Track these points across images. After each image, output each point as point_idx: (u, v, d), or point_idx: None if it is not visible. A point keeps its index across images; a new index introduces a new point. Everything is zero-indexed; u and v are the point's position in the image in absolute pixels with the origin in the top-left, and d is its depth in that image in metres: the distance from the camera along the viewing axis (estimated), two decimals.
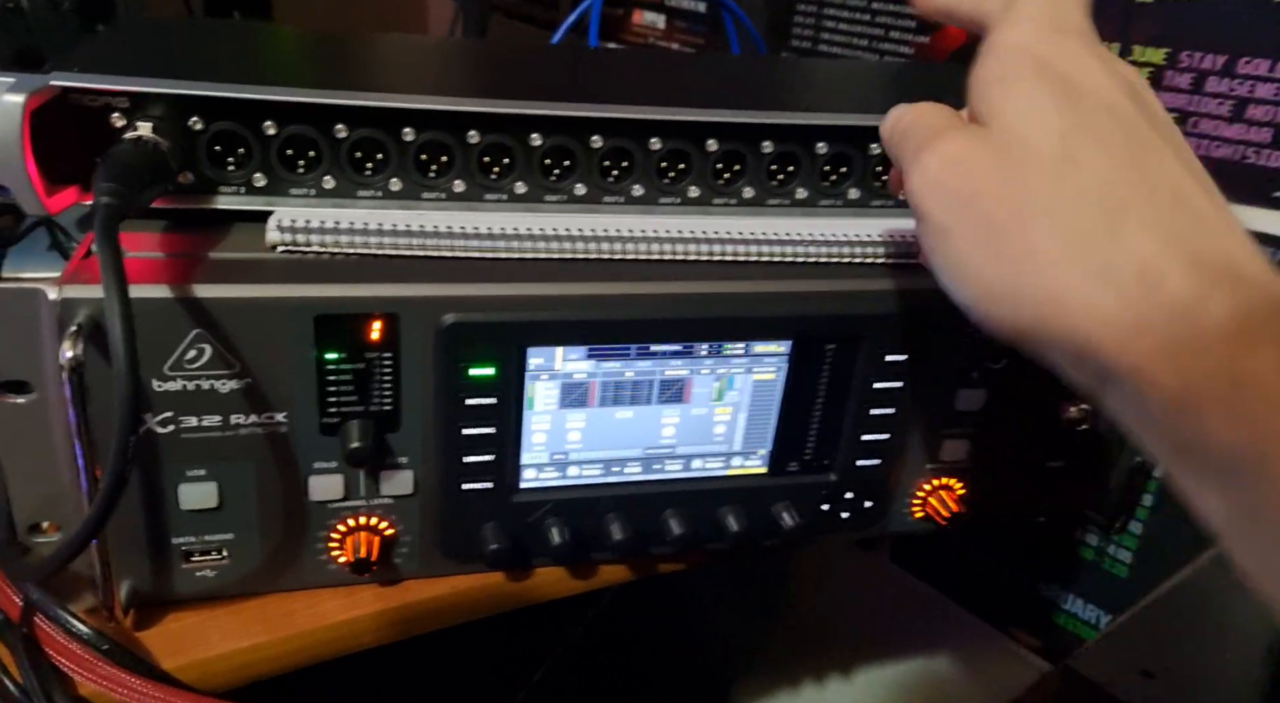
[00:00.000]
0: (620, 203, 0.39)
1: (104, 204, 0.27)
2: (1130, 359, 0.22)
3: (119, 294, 0.26)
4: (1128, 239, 0.22)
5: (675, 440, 0.40)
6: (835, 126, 0.40)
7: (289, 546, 0.36)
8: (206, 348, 0.31)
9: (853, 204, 0.42)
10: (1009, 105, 0.25)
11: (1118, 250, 0.22)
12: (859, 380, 0.39)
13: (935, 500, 0.43)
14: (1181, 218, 0.23)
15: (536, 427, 0.38)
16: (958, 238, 0.25)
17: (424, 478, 0.36)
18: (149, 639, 0.34)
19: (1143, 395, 0.22)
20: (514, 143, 0.37)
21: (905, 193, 0.28)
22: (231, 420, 0.33)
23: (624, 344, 0.37)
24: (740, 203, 0.41)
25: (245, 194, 0.35)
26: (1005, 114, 0.25)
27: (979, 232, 0.25)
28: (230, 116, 0.34)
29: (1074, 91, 0.25)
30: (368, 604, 0.38)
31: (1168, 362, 0.21)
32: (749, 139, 0.39)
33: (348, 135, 0.35)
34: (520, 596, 0.41)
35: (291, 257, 0.34)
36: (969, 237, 0.25)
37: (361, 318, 0.33)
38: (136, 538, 0.34)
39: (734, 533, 0.40)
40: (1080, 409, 0.43)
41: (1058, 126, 0.24)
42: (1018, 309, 0.24)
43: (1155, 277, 0.22)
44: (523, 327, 0.35)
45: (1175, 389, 0.21)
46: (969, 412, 0.42)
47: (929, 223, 0.26)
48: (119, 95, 0.32)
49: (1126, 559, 0.64)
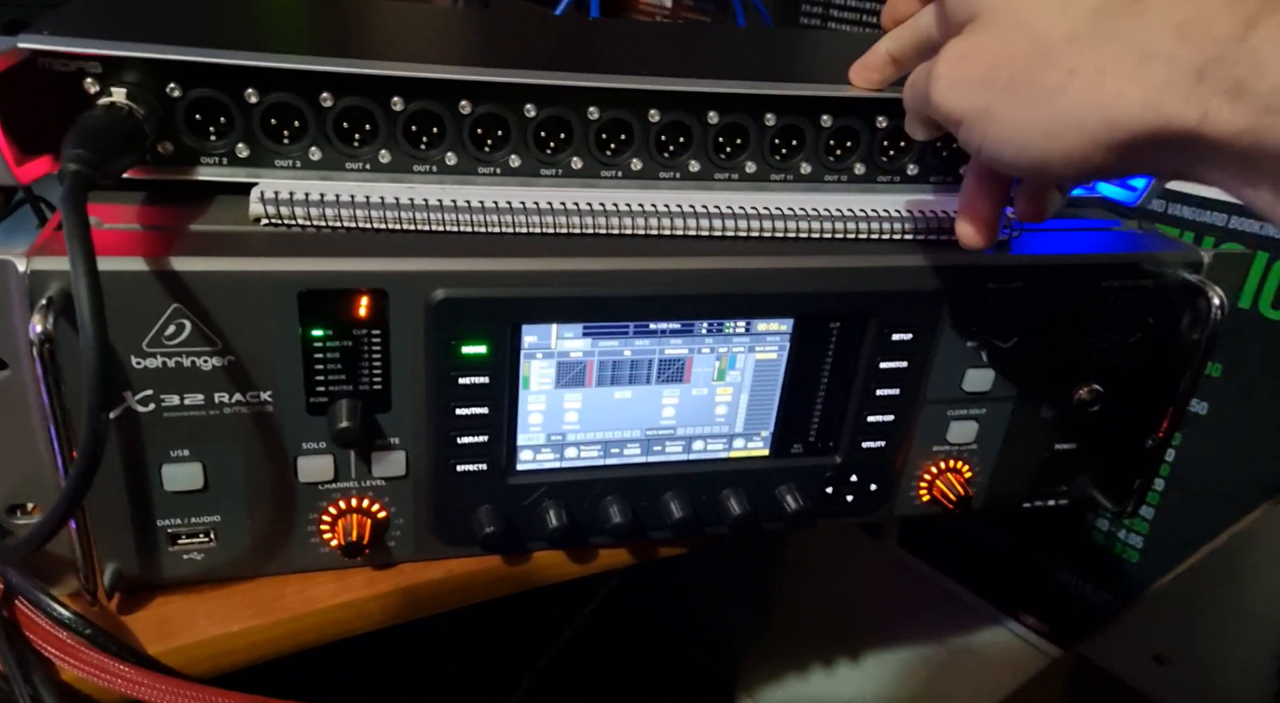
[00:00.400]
0: (618, 177, 0.38)
1: (71, 171, 0.26)
2: (1200, 108, 0.22)
3: (85, 264, 0.24)
4: (1156, 16, 0.23)
5: (675, 422, 0.39)
6: (841, 98, 0.38)
7: (278, 528, 0.35)
8: (186, 324, 0.30)
9: (859, 180, 0.41)
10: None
11: (1150, 28, 0.23)
12: (864, 360, 0.38)
13: (942, 483, 0.42)
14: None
15: (532, 407, 0.37)
16: (1001, 108, 0.26)
17: (416, 459, 0.35)
18: (134, 624, 0.34)
19: (1223, 141, 0.22)
20: (508, 114, 0.36)
21: (938, 116, 0.28)
22: (215, 399, 0.32)
23: (622, 322, 0.36)
24: (742, 178, 0.39)
25: (227, 165, 0.34)
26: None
27: (1016, 92, 0.25)
28: (210, 83, 0.32)
29: None
30: (360, 588, 0.37)
31: (1238, 94, 0.21)
32: (752, 111, 0.38)
33: (334, 104, 0.34)
34: (517, 580, 0.40)
35: (275, 230, 0.33)
36: (1010, 101, 0.26)
37: (348, 294, 0.32)
38: (120, 520, 0.33)
39: (736, 516, 0.39)
40: (1091, 390, 0.41)
41: None
42: (1084, 129, 0.24)
43: (1196, 29, 0.22)
44: (516, 303, 0.34)
45: (1251, 117, 0.21)
46: (977, 393, 0.41)
47: (968, 118, 0.27)
48: (91, 59, 0.31)
49: (1138, 544, 0.63)
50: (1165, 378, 0.42)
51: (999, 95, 0.26)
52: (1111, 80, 0.23)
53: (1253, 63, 0.21)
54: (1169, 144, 0.23)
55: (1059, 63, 0.24)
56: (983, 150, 0.27)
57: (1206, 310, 0.39)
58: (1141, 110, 0.23)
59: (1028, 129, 0.25)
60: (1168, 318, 0.41)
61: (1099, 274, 0.39)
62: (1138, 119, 0.23)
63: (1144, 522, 0.62)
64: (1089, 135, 0.24)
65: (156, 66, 0.32)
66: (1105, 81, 0.24)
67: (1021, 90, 0.25)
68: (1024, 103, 0.25)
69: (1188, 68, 0.22)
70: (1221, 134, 0.22)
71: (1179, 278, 0.40)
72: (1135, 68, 0.23)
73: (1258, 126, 0.21)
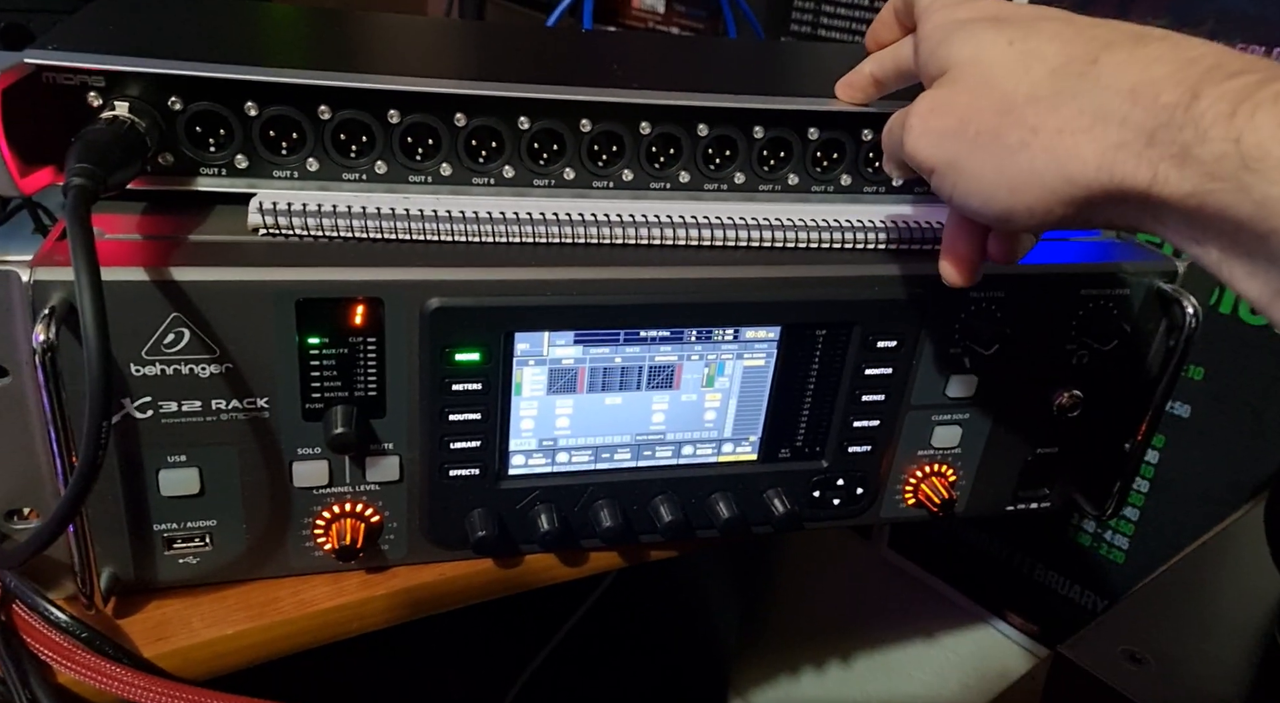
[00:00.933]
0: (610, 188, 0.39)
1: (75, 185, 0.27)
2: (1150, 170, 0.23)
3: (89, 276, 0.25)
4: (1110, 80, 0.24)
5: (665, 427, 0.39)
6: (827, 112, 0.39)
7: (273, 532, 0.36)
8: (185, 332, 0.31)
9: (845, 190, 0.41)
10: (954, 50, 0.28)
11: (1105, 91, 0.24)
12: (849, 366, 0.39)
13: (927, 487, 0.43)
14: (1149, 48, 0.24)
15: (524, 413, 0.37)
16: (967, 161, 0.27)
17: (410, 464, 0.36)
18: (130, 627, 0.34)
19: (1172, 202, 0.23)
20: (502, 126, 0.36)
21: (912, 163, 0.30)
22: (212, 406, 0.32)
23: (612, 330, 0.36)
24: (731, 189, 0.40)
25: (226, 176, 0.35)
26: (955, 56, 0.28)
27: (982, 145, 0.27)
28: (210, 97, 0.33)
29: (1003, 16, 0.28)
30: (354, 591, 0.37)
31: (1183, 159, 0.22)
32: (740, 124, 0.39)
33: (331, 117, 0.34)
34: (510, 582, 0.40)
35: (273, 240, 0.34)
36: (976, 154, 0.27)
37: (345, 302, 0.32)
38: (117, 525, 0.33)
39: (725, 520, 0.40)
40: (1071, 396, 0.42)
41: (1005, 38, 0.27)
42: (1045, 184, 0.25)
43: (1147, 95, 0.23)
44: (509, 312, 0.34)
45: (1196, 181, 0.22)
46: (960, 398, 0.42)
47: (939, 168, 0.28)
48: (95, 74, 0.31)
49: (1123, 546, 0.64)
50: (1142, 384, 0.43)
51: (967, 148, 0.27)
52: (1069, 139, 0.25)
53: (1196, 130, 0.22)
54: (1124, 201, 0.24)
55: (1022, 121, 0.26)
56: (953, 199, 0.29)
57: (1181, 318, 0.40)
58: (1096, 170, 0.24)
59: (993, 182, 0.27)
60: (1144, 326, 0.42)
61: (1078, 283, 0.40)
62: (1094, 178, 0.24)
63: (1129, 524, 0.63)
64: (1049, 191, 0.25)
65: (158, 81, 0.32)
66: (1064, 140, 0.25)
67: (988, 145, 0.26)
68: (989, 157, 0.26)
69: (1139, 130, 0.23)
70: (1170, 196, 0.23)
71: (1154, 287, 0.41)
72: (1090, 128, 0.24)
73: (1201, 191, 0.22)
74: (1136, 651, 0.34)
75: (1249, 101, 0.21)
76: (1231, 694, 0.33)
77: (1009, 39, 0.27)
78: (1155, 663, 0.33)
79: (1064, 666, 0.33)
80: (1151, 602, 0.39)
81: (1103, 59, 0.25)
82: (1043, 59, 0.26)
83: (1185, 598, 0.40)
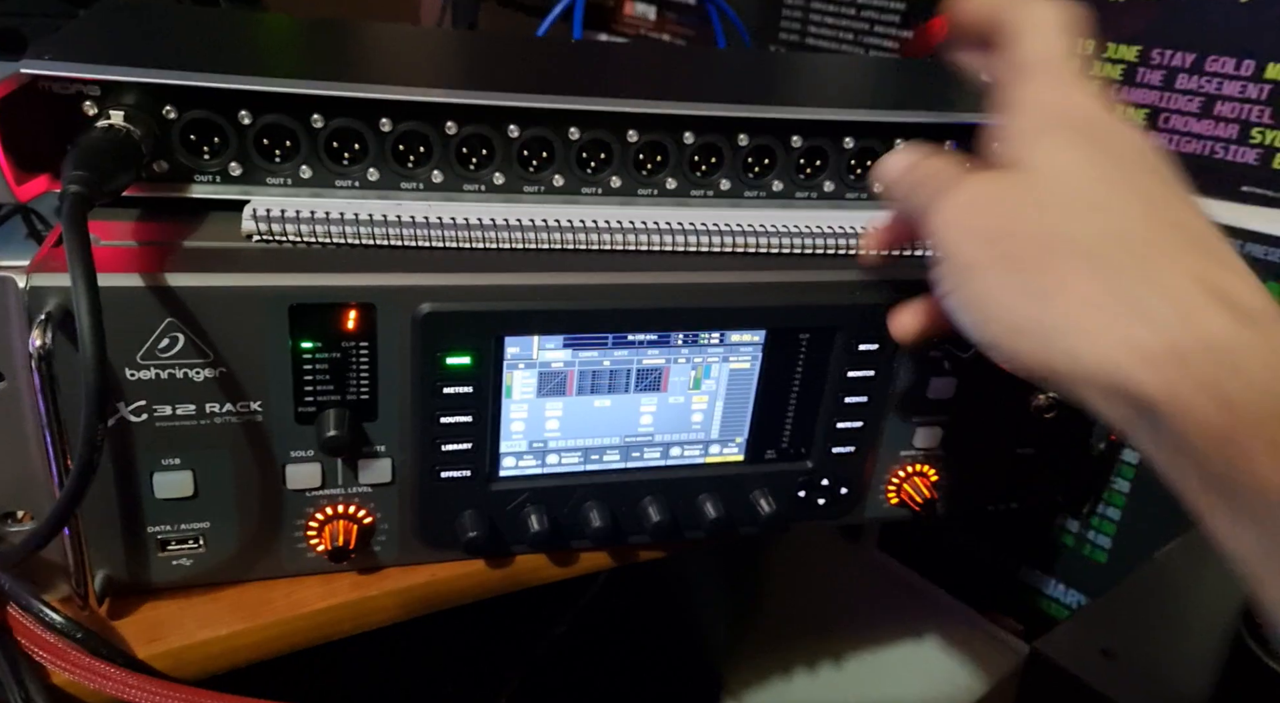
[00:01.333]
0: (598, 194, 0.40)
1: (72, 193, 0.27)
2: (1170, 391, 0.22)
3: (86, 282, 0.26)
4: (1160, 277, 0.23)
5: (653, 429, 0.40)
6: (810, 121, 0.40)
7: (266, 534, 0.36)
8: (180, 337, 0.31)
9: (828, 197, 0.42)
10: (1040, 153, 0.26)
11: (1151, 288, 0.23)
12: (833, 369, 0.40)
13: (910, 487, 0.44)
14: (1207, 259, 0.23)
15: (514, 415, 0.38)
16: (984, 274, 0.25)
17: (402, 466, 0.37)
18: (124, 628, 0.34)
19: (1183, 429, 0.22)
20: (492, 134, 0.37)
21: (926, 236, 0.28)
22: (206, 409, 0.33)
23: (601, 333, 0.37)
24: (717, 195, 0.41)
25: (220, 183, 0.35)
26: (1038, 160, 0.26)
27: (1007, 268, 0.25)
28: (204, 106, 0.34)
29: (1102, 143, 0.26)
30: (346, 592, 0.38)
31: (1212, 394, 0.21)
32: (726, 132, 0.39)
33: (324, 125, 0.35)
34: (500, 583, 0.41)
35: (267, 246, 0.34)
36: (996, 273, 0.25)
37: (337, 307, 0.33)
38: (111, 527, 0.34)
39: (712, 520, 0.41)
40: (1049, 398, 0.43)
41: (1089, 173, 0.25)
42: (1049, 344, 0.24)
43: (1192, 312, 0.22)
44: (499, 316, 0.35)
45: (1219, 423, 0.21)
46: (941, 400, 0.42)
47: (955, 261, 0.26)
48: (90, 83, 0.32)
49: (1106, 545, 0.65)
50: None
51: (995, 262, 0.25)
52: (1093, 317, 0.23)
53: (1239, 366, 0.21)
54: (1119, 400, 0.23)
55: (1059, 271, 0.24)
56: (948, 298, 0.27)
57: None
58: (1106, 361, 0.23)
59: (1000, 308, 0.25)
60: None
61: None
62: (1101, 371, 0.23)
63: (1111, 524, 0.64)
64: (1049, 350, 0.24)
65: (153, 90, 0.33)
66: (1087, 314, 0.23)
67: (1015, 272, 0.25)
68: (1008, 285, 0.25)
69: (1173, 348, 0.22)
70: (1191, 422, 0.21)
71: None
72: (1121, 317, 0.22)
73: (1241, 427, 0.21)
74: (1111, 647, 0.34)
75: None
76: (1200, 690, 0.34)
77: (1095, 175, 0.25)
78: (1128, 660, 0.34)
79: (1040, 661, 0.34)
80: (1127, 600, 0.40)
81: (1163, 250, 0.23)
82: (1110, 213, 0.24)
83: (1160, 596, 0.41)
